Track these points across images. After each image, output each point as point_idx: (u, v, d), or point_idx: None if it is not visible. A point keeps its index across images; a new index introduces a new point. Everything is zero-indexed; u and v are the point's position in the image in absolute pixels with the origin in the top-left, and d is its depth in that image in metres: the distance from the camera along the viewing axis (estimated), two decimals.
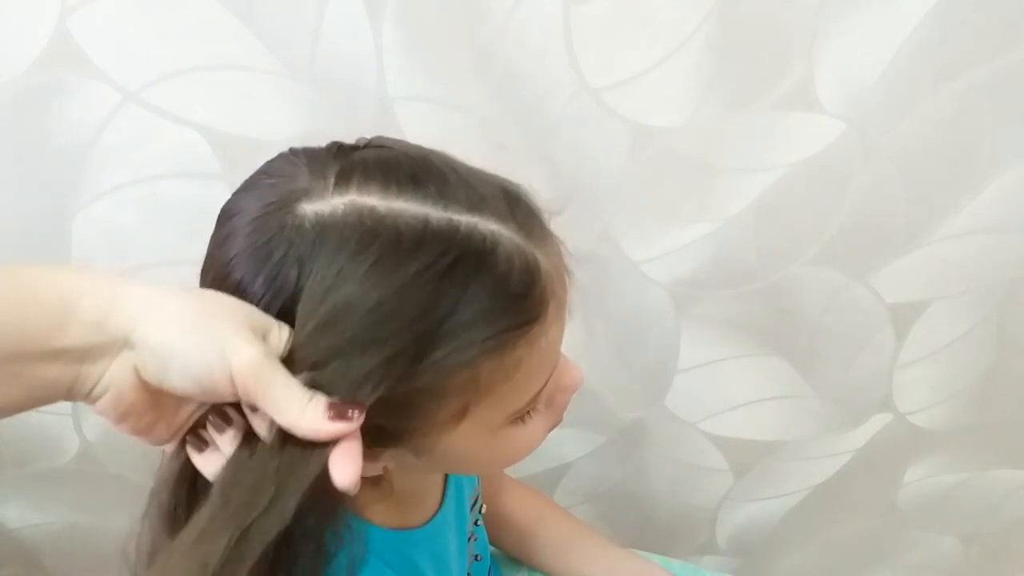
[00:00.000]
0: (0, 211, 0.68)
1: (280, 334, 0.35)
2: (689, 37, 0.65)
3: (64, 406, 0.79)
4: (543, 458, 0.96)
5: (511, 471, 0.77)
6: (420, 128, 0.67)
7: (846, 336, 0.85)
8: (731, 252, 0.77)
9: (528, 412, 0.42)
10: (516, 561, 0.74)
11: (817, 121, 0.69)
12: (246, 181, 0.40)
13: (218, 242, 0.38)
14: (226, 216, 0.39)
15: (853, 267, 0.79)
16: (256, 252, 0.36)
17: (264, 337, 0.34)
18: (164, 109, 0.65)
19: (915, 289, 0.81)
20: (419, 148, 0.40)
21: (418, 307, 0.35)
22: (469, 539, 0.61)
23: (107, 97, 0.64)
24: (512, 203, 0.39)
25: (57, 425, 0.80)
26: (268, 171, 0.40)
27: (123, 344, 0.33)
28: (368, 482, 0.44)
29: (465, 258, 0.35)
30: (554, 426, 0.46)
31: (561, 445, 0.95)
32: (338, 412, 0.33)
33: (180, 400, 0.35)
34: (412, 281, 0.34)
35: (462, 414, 0.39)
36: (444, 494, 0.55)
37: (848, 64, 0.67)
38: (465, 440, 0.40)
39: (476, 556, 0.63)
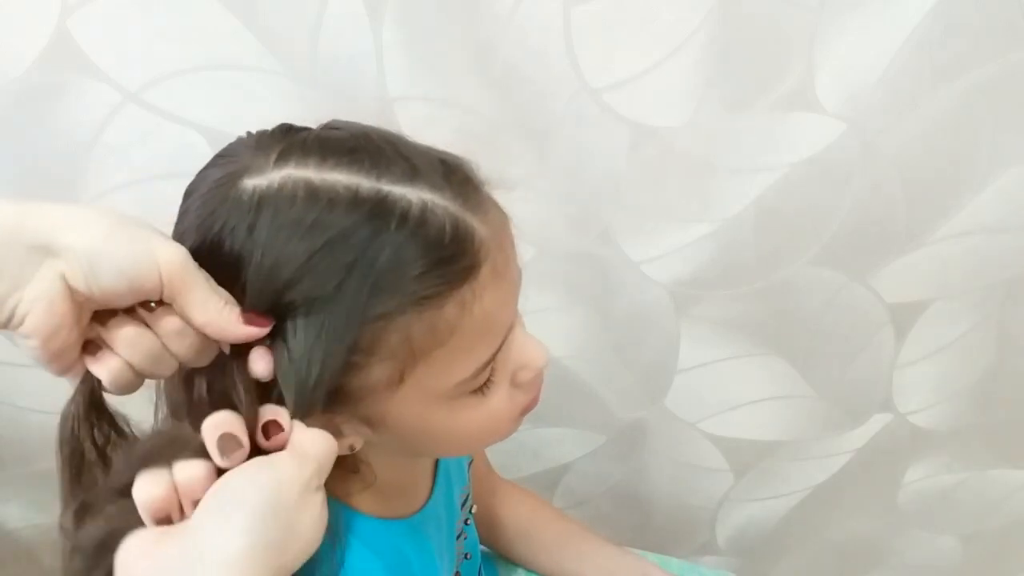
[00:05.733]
0: None
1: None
2: (689, 37, 0.65)
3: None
4: (543, 458, 0.96)
5: (508, 471, 0.77)
6: (420, 128, 0.66)
7: (846, 336, 0.85)
8: (731, 252, 0.77)
9: (485, 386, 0.43)
10: (511, 561, 0.74)
11: (817, 121, 0.69)
12: (207, 163, 0.43)
13: (179, 218, 0.41)
14: (186, 195, 0.42)
15: (853, 267, 0.79)
16: (201, 225, 0.39)
17: None
18: (164, 109, 0.65)
19: (915, 289, 0.81)
20: (364, 127, 0.42)
21: (344, 264, 0.37)
22: (459, 537, 0.61)
23: (107, 97, 0.64)
24: (448, 173, 0.40)
25: (57, 425, 0.80)
26: (223, 153, 0.42)
27: (43, 255, 0.34)
28: (347, 468, 0.46)
29: (390, 220, 0.37)
30: (527, 407, 0.47)
31: (561, 445, 0.95)
32: (249, 319, 0.37)
33: (87, 318, 0.36)
34: (339, 239, 0.37)
35: (399, 379, 0.40)
36: (433, 489, 0.55)
37: (848, 64, 0.67)
38: (412, 409, 0.41)
39: (466, 555, 0.63)
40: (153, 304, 0.36)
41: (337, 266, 0.37)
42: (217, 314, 0.36)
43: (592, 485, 0.99)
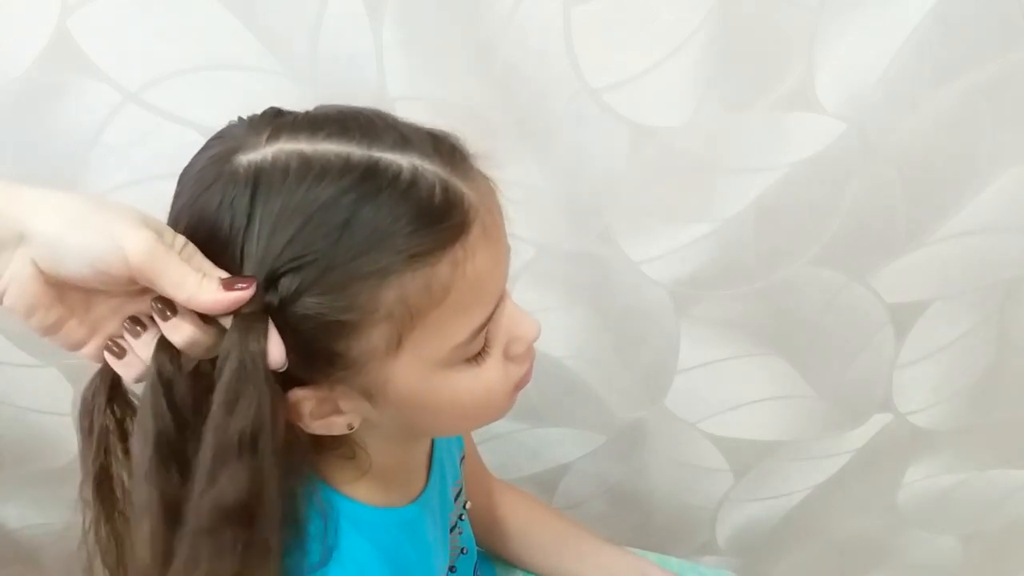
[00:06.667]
0: None
1: (175, 237, 0.38)
2: (689, 37, 0.65)
3: (64, 406, 0.79)
4: (543, 458, 0.96)
5: (508, 471, 0.77)
6: None
7: (846, 336, 0.85)
8: (731, 252, 0.77)
9: (480, 355, 0.44)
10: (510, 562, 0.74)
11: (817, 121, 0.69)
12: (201, 147, 0.43)
13: (173, 199, 0.42)
14: (180, 177, 0.42)
15: (853, 267, 0.79)
16: (197, 201, 0.39)
17: (159, 234, 0.37)
18: (164, 109, 0.65)
19: (915, 289, 0.81)
20: (353, 106, 0.43)
21: (336, 224, 0.38)
22: (452, 529, 0.61)
23: (107, 97, 0.64)
24: (436, 142, 0.41)
25: (57, 425, 0.80)
26: (216, 135, 0.43)
27: (18, 239, 0.35)
28: (343, 454, 0.47)
29: (382, 182, 0.38)
30: (520, 382, 0.48)
31: (561, 445, 0.95)
32: (229, 284, 0.37)
33: (88, 296, 0.37)
34: (331, 202, 0.38)
35: (397, 343, 0.40)
36: (428, 479, 0.56)
37: (848, 64, 0.67)
38: (411, 377, 0.42)
39: (462, 549, 0.63)
40: (168, 313, 0.37)
41: (330, 227, 0.38)
42: (196, 288, 0.36)
43: (592, 485, 0.99)
